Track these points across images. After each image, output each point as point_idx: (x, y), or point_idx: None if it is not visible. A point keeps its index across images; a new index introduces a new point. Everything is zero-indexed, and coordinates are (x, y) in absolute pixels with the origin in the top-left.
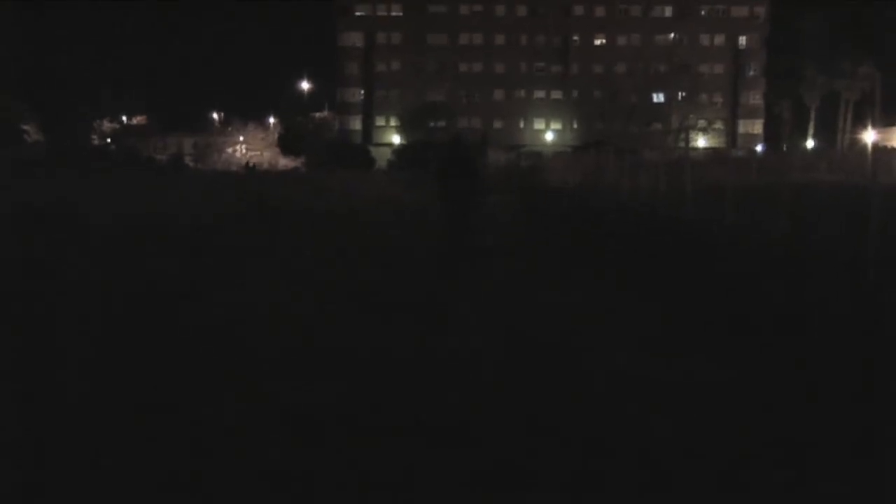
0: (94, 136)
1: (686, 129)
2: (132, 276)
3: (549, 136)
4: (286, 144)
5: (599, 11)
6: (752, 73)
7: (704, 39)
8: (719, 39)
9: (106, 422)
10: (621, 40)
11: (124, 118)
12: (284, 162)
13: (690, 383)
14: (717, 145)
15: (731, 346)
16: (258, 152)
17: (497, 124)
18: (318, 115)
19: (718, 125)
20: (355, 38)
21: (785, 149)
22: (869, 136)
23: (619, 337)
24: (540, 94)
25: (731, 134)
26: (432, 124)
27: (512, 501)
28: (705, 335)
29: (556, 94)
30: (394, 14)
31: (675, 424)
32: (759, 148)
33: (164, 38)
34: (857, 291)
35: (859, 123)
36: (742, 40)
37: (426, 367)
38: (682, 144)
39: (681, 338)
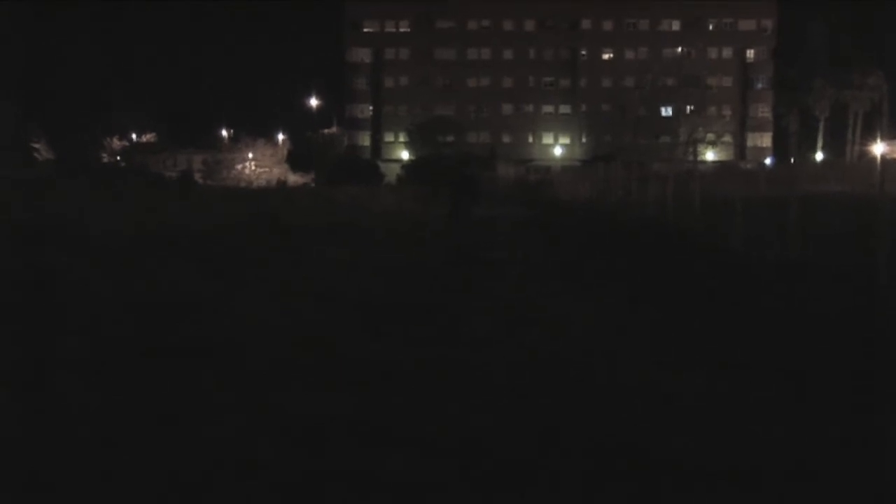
0: (104, 154)
1: (695, 143)
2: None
3: (557, 151)
4: (296, 161)
5: (607, 25)
6: (760, 85)
7: (712, 52)
8: (727, 52)
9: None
10: (629, 54)
11: (134, 135)
12: (294, 178)
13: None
14: (725, 158)
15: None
16: (267, 168)
17: (506, 139)
18: (326, 131)
19: (727, 138)
20: (363, 54)
21: (793, 161)
22: (878, 148)
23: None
24: (548, 108)
25: (740, 147)
26: (441, 139)
27: None
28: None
29: (565, 109)
30: (402, 30)
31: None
32: (768, 161)
33: (173, 55)
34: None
35: (868, 135)
36: (750, 53)
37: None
38: (690, 157)
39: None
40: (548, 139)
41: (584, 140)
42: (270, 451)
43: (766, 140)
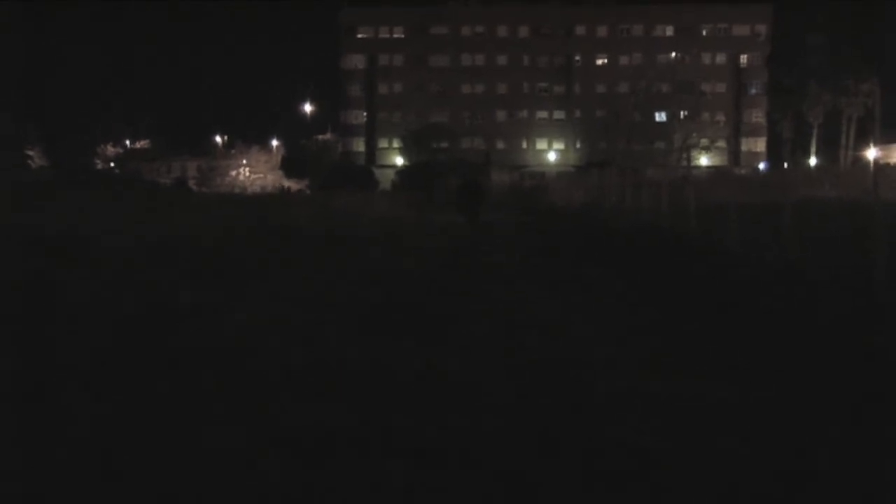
0: (98, 161)
1: (689, 148)
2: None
3: (552, 157)
4: (290, 167)
5: (601, 31)
6: (754, 91)
7: (706, 58)
8: (721, 58)
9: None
10: (623, 60)
11: (128, 142)
12: (288, 184)
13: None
14: (719, 163)
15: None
16: (262, 175)
17: (500, 145)
18: (321, 137)
19: (721, 143)
20: (358, 61)
21: (787, 166)
22: (871, 154)
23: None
24: (542, 114)
25: (734, 152)
26: (435, 146)
27: None
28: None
29: (559, 115)
30: (396, 36)
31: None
32: (762, 166)
33: (167, 62)
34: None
35: (862, 140)
36: (744, 59)
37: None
38: (685, 163)
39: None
40: (542, 145)
41: (578, 146)
42: (270, 452)
43: (760, 145)
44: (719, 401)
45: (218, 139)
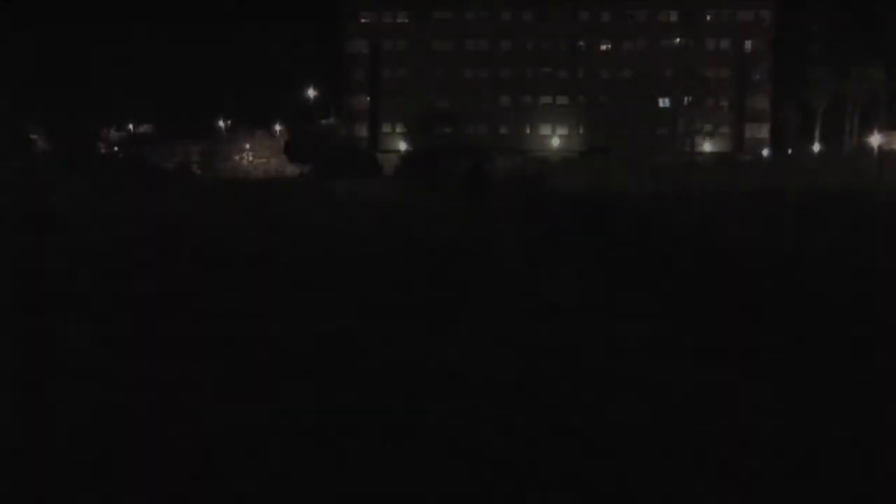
0: (102, 145)
1: (692, 134)
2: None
3: (555, 142)
4: (293, 152)
5: (605, 16)
6: (758, 77)
7: (710, 44)
8: (725, 43)
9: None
10: (627, 45)
11: (131, 126)
12: (291, 169)
13: None
14: (723, 149)
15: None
16: (265, 160)
17: (503, 130)
18: (324, 122)
19: (725, 129)
20: (361, 45)
21: (791, 152)
22: (875, 140)
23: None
24: (546, 99)
25: (738, 138)
26: (438, 131)
27: None
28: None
29: (563, 100)
30: (399, 21)
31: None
32: (765, 152)
33: (170, 47)
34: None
35: (866, 127)
36: (748, 44)
37: None
38: (688, 149)
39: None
40: (546, 130)
41: (582, 131)
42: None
43: (763, 131)
44: (718, 392)
45: (221, 123)
